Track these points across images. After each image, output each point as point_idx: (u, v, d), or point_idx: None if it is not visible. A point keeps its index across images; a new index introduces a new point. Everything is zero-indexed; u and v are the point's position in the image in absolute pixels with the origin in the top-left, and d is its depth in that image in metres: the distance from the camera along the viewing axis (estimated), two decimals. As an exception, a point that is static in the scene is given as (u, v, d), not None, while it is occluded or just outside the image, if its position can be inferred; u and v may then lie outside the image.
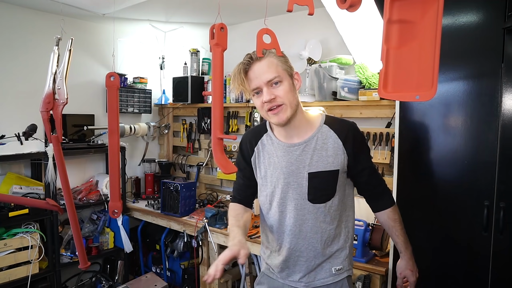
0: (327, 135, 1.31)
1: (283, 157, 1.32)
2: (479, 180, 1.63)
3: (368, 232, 2.07)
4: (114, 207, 1.41)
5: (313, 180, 1.29)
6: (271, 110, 1.24)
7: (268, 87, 1.22)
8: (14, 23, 2.70)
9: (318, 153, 1.29)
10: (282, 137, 1.34)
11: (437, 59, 0.74)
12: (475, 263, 1.66)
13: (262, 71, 1.22)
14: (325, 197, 1.31)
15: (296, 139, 1.32)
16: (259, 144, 1.38)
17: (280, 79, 1.23)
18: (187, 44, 3.52)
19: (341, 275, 1.37)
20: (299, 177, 1.30)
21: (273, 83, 1.23)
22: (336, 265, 1.36)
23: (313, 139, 1.31)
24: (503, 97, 1.55)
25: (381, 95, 0.83)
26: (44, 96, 1.31)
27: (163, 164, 3.57)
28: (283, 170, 1.31)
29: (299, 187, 1.30)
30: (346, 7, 0.80)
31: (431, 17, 0.76)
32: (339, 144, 1.30)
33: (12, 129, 2.53)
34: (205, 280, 1.13)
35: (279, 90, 1.23)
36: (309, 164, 1.29)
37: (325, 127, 1.33)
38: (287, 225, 1.34)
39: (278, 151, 1.33)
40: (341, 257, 1.38)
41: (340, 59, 2.57)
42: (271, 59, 1.23)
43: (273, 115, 1.25)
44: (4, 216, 2.40)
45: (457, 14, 1.65)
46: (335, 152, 1.30)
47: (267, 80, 1.22)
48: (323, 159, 1.29)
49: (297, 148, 1.31)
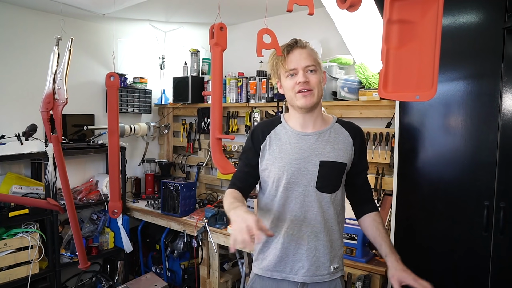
0: (339, 131, 1.41)
1: (296, 144, 1.37)
2: (479, 180, 1.63)
3: (368, 232, 2.07)
4: (114, 207, 1.41)
5: (323, 168, 1.34)
6: (301, 92, 1.32)
7: (304, 72, 1.32)
8: (14, 23, 2.70)
9: (331, 145, 1.36)
10: (298, 126, 1.40)
11: (437, 59, 0.74)
12: (475, 263, 1.66)
13: (303, 56, 1.32)
14: (331, 187, 1.36)
15: (311, 129, 1.38)
16: (272, 133, 1.42)
17: (315, 68, 1.33)
18: (187, 44, 3.52)
19: (337, 274, 1.39)
20: (310, 164, 1.34)
21: (309, 70, 1.32)
22: (334, 263, 1.37)
23: (327, 131, 1.39)
24: (503, 97, 1.55)
25: (381, 95, 0.83)
26: (44, 96, 1.31)
27: (163, 164, 3.57)
28: (295, 156, 1.35)
29: (308, 174, 1.34)
30: (346, 7, 0.80)
31: (431, 17, 0.76)
32: (350, 141, 1.39)
33: (12, 129, 2.53)
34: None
35: (313, 77, 1.32)
36: (322, 152, 1.35)
37: (337, 124, 1.42)
38: (292, 210, 1.35)
39: (292, 138, 1.38)
40: (339, 256, 1.40)
41: (340, 59, 2.57)
42: (312, 51, 1.36)
43: (301, 97, 1.32)
44: (4, 216, 2.40)
45: (457, 14, 1.65)
46: (346, 147, 1.38)
47: (306, 65, 1.32)
48: (334, 151, 1.36)
49: (311, 137, 1.37)
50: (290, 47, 1.34)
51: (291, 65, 1.33)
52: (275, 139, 1.41)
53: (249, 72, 3.08)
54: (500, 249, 1.58)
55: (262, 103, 2.97)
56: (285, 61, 1.34)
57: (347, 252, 2.08)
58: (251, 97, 3.01)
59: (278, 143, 1.39)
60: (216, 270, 2.63)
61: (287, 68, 1.34)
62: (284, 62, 1.34)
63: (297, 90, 1.32)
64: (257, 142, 1.43)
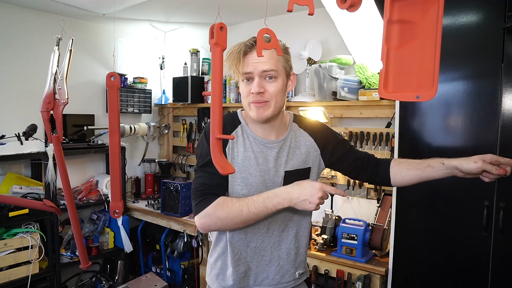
0: (298, 133, 1.31)
1: (260, 153, 1.24)
2: (479, 180, 1.63)
3: (368, 232, 2.07)
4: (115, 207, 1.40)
5: (288, 178, 1.24)
6: (254, 103, 1.17)
7: (260, 78, 1.15)
8: (14, 23, 2.70)
9: (293, 151, 1.27)
10: (259, 132, 1.26)
11: (437, 59, 0.74)
12: (475, 263, 1.66)
13: (262, 59, 1.13)
14: None
15: (273, 137, 1.26)
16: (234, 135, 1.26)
17: (275, 74, 1.16)
18: (187, 44, 3.52)
19: (302, 278, 1.35)
20: (275, 176, 1.24)
21: (267, 76, 1.15)
22: (300, 268, 1.32)
23: (288, 137, 1.28)
24: (503, 97, 1.55)
25: (381, 95, 0.83)
26: (44, 96, 1.31)
27: (163, 164, 3.57)
28: (259, 167, 1.22)
29: (273, 186, 1.23)
30: (346, 7, 0.80)
31: (431, 17, 0.76)
32: (311, 141, 1.30)
33: (12, 129, 2.53)
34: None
35: (271, 86, 1.16)
36: (286, 161, 1.25)
37: (295, 125, 1.32)
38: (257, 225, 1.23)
39: (254, 146, 1.24)
40: (304, 260, 1.35)
41: (340, 59, 2.57)
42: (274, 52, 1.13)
43: (254, 108, 1.17)
44: (4, 216, 2.40)
45: (457, 14, 1.65)
46: (307, 149, 1.29)
47: (263, 70, 1.14)
48: (297, 157, 1.27)
49: (275, 146, 1.25)
50: (249, 48, 1.15)
51: (246, 68, 1.15)
52: (237, 143, 1.25)
53: (249, 72, 3.07)
54: (500, 249, 1.58)
55: (262, 103, 2.96)
56: (240, 63, 1.16)
57: (347, 252, 2.08)
58: (251, 97, 3.00)
59: (240, 148, 1.24)
60: (216, 270, 2.63)
61: (241, 72, 1.16)
62: (239, 64, 1.16)
63: (251, 100, 1.17)
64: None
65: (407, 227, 1.88)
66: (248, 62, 1.15)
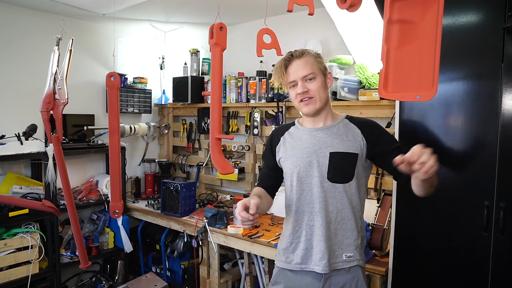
0: (347, 126, 1.49)
1: (307, 139, 1.47)
2: (479, 180, 1.63)
3: (368, 232, 2.07)
4: (115, 207, 1.41)
5: (334, 159, 1.40)
6: (303, 101, 1.42)
7: (302, 82, 1.41)
8: (14, 23, 2.70)
9: (340, 137, 1.44)
10: (308, 124, 1.51)
11: (437, 59, 0.74)
12: (475, 263, 1.66)
13: (300, 67, 1.41)
14: (343, 177, 1.42)
15: (321, 124, 1.48)
16: (286, 134, 1.55)
17: (314, 75, 1.41)
18: (187, 44, 3.52)
19: (352, 263, 1.43)
20: (320, 156, 1.42)
21: (307, 79, 1.41)
22: (348, 251, 1.43)
23: (336, 126, 1.48)
24: (503, 97, 1.55)
25: (381, 95, 0.83)
26: (44, 96, 1.31)
27: (163, 164, 3.57)
28: (306, 150, 1.45)
29: (319, 166, 1.41)
30: (346, 7, 0.80)
31: (431, 17, 0.76)
32: (358, 132, 1.46)
33: (12, 129, 2.53)
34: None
35: (312, 85, 1.41)
36: (331, 145, 1.43)
37: (346, 120, 1.51)
38: (307, 202, 1.44)
39: (303, 135, 1.50)
40: (353, 246, 1.44)
41: (340, 59, 2.57)
42: (309, 58, 1.42)
43: (304, 105, 1.43)
44: (4, 216, 2.40)
45: (457, 14, 1.65)
46: (355, 138, 1.45)
47: (303, 75, 1.40)
48: (344, 142, 1.43)
49: (320, 131, 1.47)
50: (288, 61, 1.44)
51: (290, 78, 1.43)
52: (288, 138, 1.54)
53: (249, 72, 3.08)
54: (500, 249, 1.58)
55: (262, 103, 2.97)
56: (284, 75, 1.44)
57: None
58: (251, 97, 3.01)
59: (290, 141, 1.52)
60: (216, 270, 2.63)
61: (287, 82, 1.45)
62: (284, 76, 1.45)
63: (299, 100, 1.44)
64: (273, 144, 1.57)
65: (407, 227, 1.88)
66: (289, 73, 1.44)
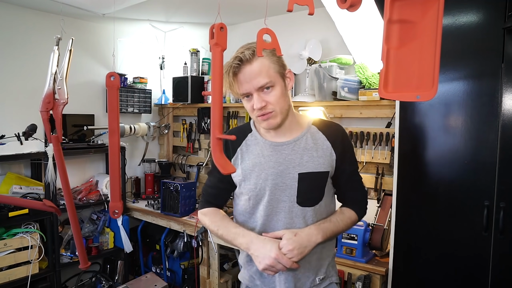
0: (316, 136, 1.26)
1: (270, 156, 1.23)
2: (479, 180, 1.63)
3: (368, 232, 2.07)
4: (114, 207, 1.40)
5: (304, 181, 1.21)
6: (261, 116, 1.17)
7: (258, 93, 1.14)
8: (14, 23, 2.70)
9: (309, 153, 1.23)
10: (269, 136, 1.26)
11: (437, 59, 0.74)
12: (475, 263, 1.66)
13: (253, 75, 1.12)
14: (313, 200, 1.24)
15: (284, 138, 1.24)
16: (243, 145, 1.28)
17: (272, 83, 1.14)
18: (187, 44, 3.52)
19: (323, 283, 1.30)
20: (288, 178, 1.21)
21: (264, 89, 1.14)
22: (320, 274, 1.28)
23: (303, 138, 1.25)
24: (503, 97, 1.55)
25: (381, 95, 0.83)
26: (44, 96, 1.31)
27: (163, 164, 3.57)
28: (271, 170, 1.21)
29: (287, 189, 1.21)
30: (347, 7, 0.80)
31: (431, 17, 0.76)
32: (328, 145, 1.25)
33: (12, 129, 2.53)
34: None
35: (271, 96, 1.15)
36: (299, 163, 1.21)
37: (313, 127, 1.28)
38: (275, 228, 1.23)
39: (265, 150, 1.24)
40: (325, 265, 1.31)
41: (340, 59, 2.57)
42: (263, 60, 1.13)
43: (263, 121, 1.18)
44: (4, 216, 2.40)
45: (457, 14, 1.65)
46: (325, 153, 1.24)
47: (259, 86, 1.13)
48: (313, 160, 1.22)
49: (286, 147, 1.23)
50: (236, 68, 1.13)
51: (242, 89, 1.15)
52: (246, 152, 1.26)
53: (249, 72, 3.07)
54: (500, 249, 1.58)
55: (262, 103, 2.96)
56: (234, 84, 1.16)
57: (347, 252, 2.09)
58: (251, 97, 3.00)
59: (250, 156, 1.25)
60: (216, 270, 2.63)
61: (240, 93, 1.17)
62: (234, 85, 1.16)
63: (257, 115, 1.18)
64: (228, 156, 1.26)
65: (407, 227, 1.88)
66: (241, 82, 1.15)
